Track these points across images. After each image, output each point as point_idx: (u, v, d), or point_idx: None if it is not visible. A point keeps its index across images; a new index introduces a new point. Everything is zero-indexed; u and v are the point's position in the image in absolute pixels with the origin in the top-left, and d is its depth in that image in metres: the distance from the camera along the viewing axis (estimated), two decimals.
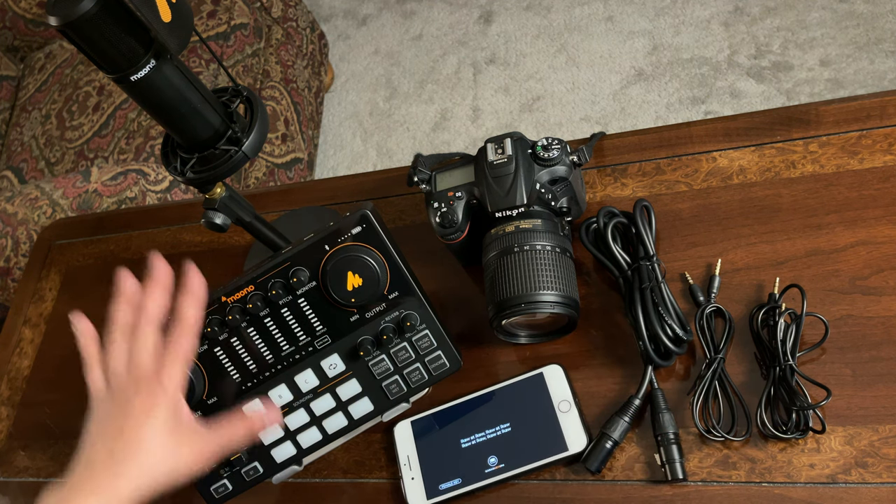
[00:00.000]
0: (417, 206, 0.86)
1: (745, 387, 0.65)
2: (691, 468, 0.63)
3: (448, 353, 0.69)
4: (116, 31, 0.53)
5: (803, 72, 1.73)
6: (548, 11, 2.08)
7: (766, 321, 0.66)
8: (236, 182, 1.68)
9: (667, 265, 0.72)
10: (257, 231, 0.73)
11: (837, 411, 0.62)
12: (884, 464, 0.59)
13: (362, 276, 0.65)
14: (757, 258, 0.70)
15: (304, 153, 1.88)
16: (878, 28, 1.71)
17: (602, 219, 0.72)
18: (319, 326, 0.67)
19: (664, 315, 0.66)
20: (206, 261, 0.94)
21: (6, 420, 0.94)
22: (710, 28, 1.86)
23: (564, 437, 0.67)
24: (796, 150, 0.73)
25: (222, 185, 0.68)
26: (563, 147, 0.70)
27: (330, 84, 2.22)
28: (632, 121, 1.82)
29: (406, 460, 0.71)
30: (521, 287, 0.66)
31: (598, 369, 0.70)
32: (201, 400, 0.68)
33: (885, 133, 0.71)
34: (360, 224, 0.64)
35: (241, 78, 1.72)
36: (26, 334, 1.00)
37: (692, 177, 0.75)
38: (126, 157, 1.63)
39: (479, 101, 2.02)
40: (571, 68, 1.96)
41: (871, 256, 0.66)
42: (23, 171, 1.76)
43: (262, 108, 0.65)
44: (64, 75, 1.85)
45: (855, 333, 0.64)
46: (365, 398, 0.70)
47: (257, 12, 1.84)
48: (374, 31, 2.27)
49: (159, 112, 0.60)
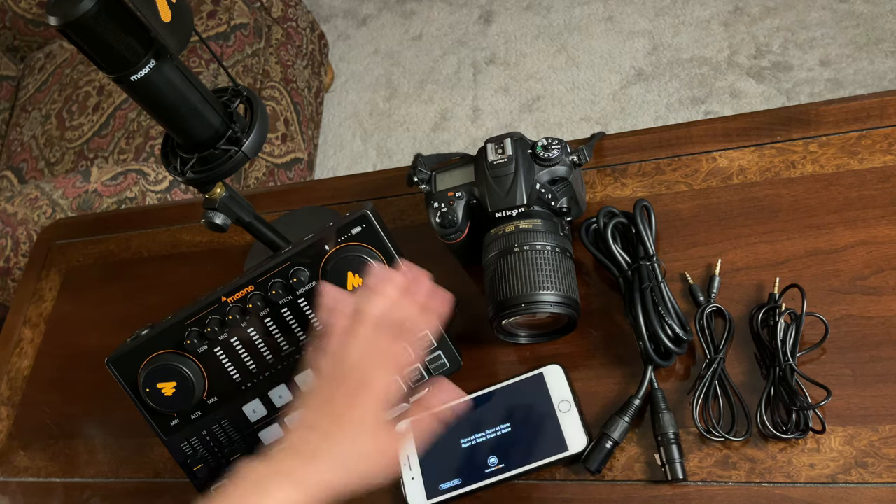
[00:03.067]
0: (417, 206, 0.86)
1: (745, 387, 0.65)
2: (691, 468, 0.63)
3: (448, 353, 0.69)
4: (116, 31, 0.53)
5: (803, 72, 1.73)
6: (548, 11, 2.08)
7: (766, 321, 0.66)
8: (236, 182, 1.68)
9: (667, 265, 0.72)
10: (257, 231, 0.73)
11: (837, 411, 0.62)
12: (884, 464, 0.59)
13: (362, 276, 0.65)
14: (757, 258, 0.70)
15: (304, 153, 1.88)
16: (878, 28, 1.71)
17: (602, 219, 0.72)
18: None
19: (664, 315, 0.66)
20: (206, 261, 0.95)
21: (6, 420, 0.94)
22: (710, 28, 1.86)
23: (564, 437, 0.67)
24: (796, 150, 0.73)
25: (222, 185, 0.68)
26: (563, 147, 0.70)
27: (330, 84, 2.22)
28: (632, 121, 1.82)
29: (406, 460, 0.71)
30: (521, 287, 0.66)
31: (598, 369, 0.70)
32: (201, 400, 0.68)
33: (885, 133, 0.71)
34: (360, 224, 0.64)
35: (241, 78, 1.72)
36: (26, 334, 1.00)
37: (692, 177, 0.75)
38: (126, 157, 1.63)
39: (479, 101, 2.02)
40: (571, 68, 1.96)
41: (871, 256, 0.66)
42: (23, 171, 1.76)
43: (262, 108, 0.65)
44: (64, 75, 1.85)
45: (855, 333, 0.64)
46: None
47: (257, 12, 1.84)
48: (374, 31, 2.27)
49: (159, 112, 0.60)
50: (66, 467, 0.87)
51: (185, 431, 0.70)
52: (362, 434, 0.52)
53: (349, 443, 0.51)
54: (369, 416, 0.52)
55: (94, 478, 0.85)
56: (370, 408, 0.52)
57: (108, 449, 0.86)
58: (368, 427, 0.52)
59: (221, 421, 0.70)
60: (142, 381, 0.66)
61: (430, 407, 0.56)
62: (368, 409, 0.52)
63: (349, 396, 0.52)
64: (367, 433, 0.52)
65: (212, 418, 0.69)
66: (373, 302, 0.55)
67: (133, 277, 0.98)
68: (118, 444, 0.86)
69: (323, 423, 0.52)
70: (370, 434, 0.52)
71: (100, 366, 0.69)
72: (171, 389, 0.67)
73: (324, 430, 0.52)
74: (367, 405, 0.52)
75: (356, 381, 0.53)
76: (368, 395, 0.52)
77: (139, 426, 0.76)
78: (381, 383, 0.53)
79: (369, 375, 0.53)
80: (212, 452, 0.70)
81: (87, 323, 0.97)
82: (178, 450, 0.70)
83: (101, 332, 0.95)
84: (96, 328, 0.96)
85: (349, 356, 0.53)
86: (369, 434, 0.52)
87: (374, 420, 0.52)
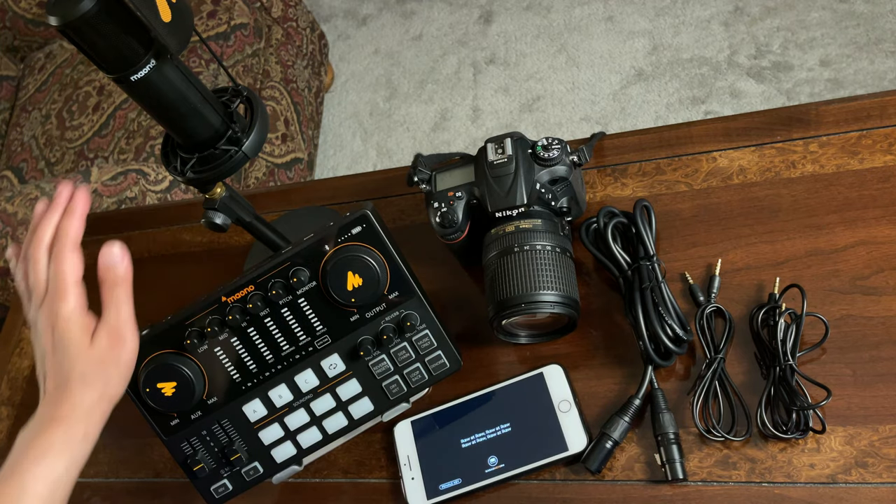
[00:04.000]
0: (417, 206, 0.86)
1: (745, 387, 0.65)
2: (691, 468, 0.63)
3: (448, 353, 0.69)
4: (116, 31, 0.53)
5: (803, 72, 1.73)
6: (548, 11, 2.08)
7: (766, 321, 0.66)
8: (236, 182, 1.68)
9: (667, 265, 0.72)
10: (257, 231, 0.73)
11: (837, 411, 0.62)
12: (884, 464, 0.59)
13: (362, 276, 0.64)
14: (757, 258, 0.70)
15: (304, 153, 1.88)
16: (878, 28, 1.71)
17: (602, 219, 0.72)
18: (319, 326, 0.67)
19: (664, 315, 0.66)
20: (206, 261, 0.95)
21: (6, 420, 0.94)
22: (710, 28, 1.86)
23: (564, 437, 0.67)
24: (796, 150, 0.73)
25: (222, 185, 0.68)
26: (563, 147, 0.70)
27: (330, 84, 2.22)
28: (632, 121, 1.82)
29: (406, 460, 0.71)
30: (521, 287, 0.66)
31: (598, 369, 0.70)
32: (201, 399, 0.68)
33: (885, 133, 0.71)
34: (360, 224, 0.64)
35: (241, 78, 1.72)
36: (26, 334, 1.00)
37: (692, 177, 0.75)
38: (126, 157, 1.63)
39: (479, 101, 2.02)
40: (571, 68, 1.96)
41: (871, 256, 0.66)
42: (23, 171, 1.76)
43: (262, 108, 0.65)
44: (64, 75, 1.85)
45: (855, 333, 0.64)
46: (365, 398, 0.70)
47: (257, 12, 1.84)
48: (374, 31, 2.27)
49: (159, 112, 0.60)
50: None
51: (185, 431, 0.70)
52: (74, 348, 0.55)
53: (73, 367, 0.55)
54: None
55: (94, 478, 0.85)
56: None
57: (108, 449, 0.86)
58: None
59: (221, 421, 0.70)
60: (142, 381, 0.66)
61: None
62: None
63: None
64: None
65: (212, 418, 0.69)
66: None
67: (133, 277, 0.98)
68: (118, 444, 0.86)
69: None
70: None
71: None
72: (171, 389, 0.67)
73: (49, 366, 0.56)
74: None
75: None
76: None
77: (139, 426, 0.76)
78: None
79: None
80: (212, 452, 0.70)
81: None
82: (178, 450, 0.70)
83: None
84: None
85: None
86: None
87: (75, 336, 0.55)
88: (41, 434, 0.54)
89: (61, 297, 0.55)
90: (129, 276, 0.58)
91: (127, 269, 0.58)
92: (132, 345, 0.57)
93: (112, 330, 0.56)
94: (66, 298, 0.55)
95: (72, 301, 0.55)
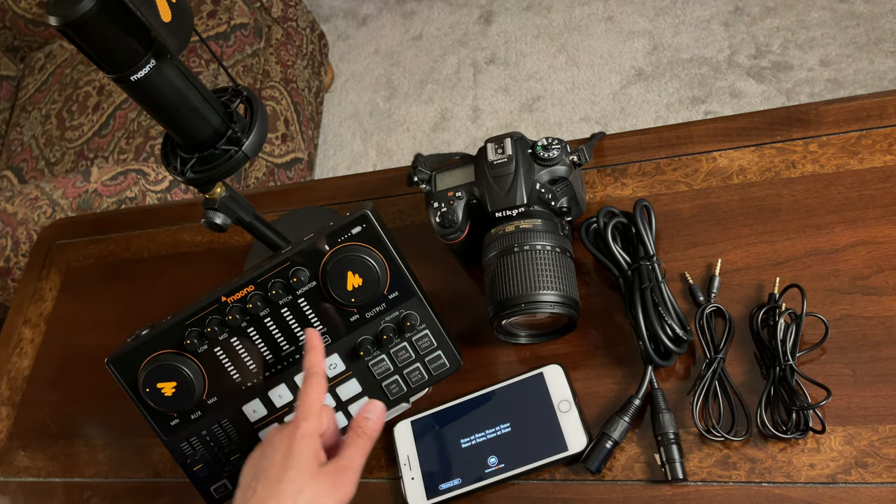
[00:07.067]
0: (417, 206, 0.86)
1: (745, 387, 0.65)
2: (691, 468, 0.63)
3: (448, 353, 0.69)
4: (116, 31, 0.53)
5: (803, 72, 1.73)
6: (548, 11, 2.08)
7: (766, 321, 0.66)
8: (236, 182, 1.68)
9: (667, 265, 0.72)
10: (257, 231, 0.73)
11: (837, 411, 0.62)
12: (884, 464, 0.59)
13: (362, 276, 0.65)
14: (757, 258, 0.70)
15: (304, 153, 1.88)
16: (878, 28, 1.71)
17: (602, 219, 0.72)
18: (319, 326, 0.67)
19: (664, 315, 0.66)
20: (206, 261, 0.95)
21: (6, 420, 0.94)
22: (710, 28, 1.86)
23: (564, 437, 0.67)
24: (796, 150, 0.73)
25: (222, 185, 0.68)
26: (563, 147, 0.70)
27: (330, 84, 2.22)
28: (632, 121, 1.82)
29: (406, 460, 0.71)
30: (521, 287, 0.66)
31: (598, 369, 0.70)
32: (201, 400, 0.68)
33: (885, 133, 0.71)
34: (360, 224, 0.64)
35: (241, 78, 1.72)
36: (26, 334, 1.00)
37: (692, 177, 0.75)
38: (126, 157, 1.63)
39: (479, 101, 2.02)
40: (571, 68, 1.96)
41: (871, 256, 0.66)
42: (23, 171, 1.76)
43: (262, 108, 0.66)
44: (64, 75, 1.85)
45: (855, 333, 0.64)
46: (365, 398, 0.70)
47: (257, 12, 1.84)
48: (374, 31, 2.27)
49: (159, 112, 0.60)
50: (66, 467, 0.87)
51: (185, 431, 0.70)
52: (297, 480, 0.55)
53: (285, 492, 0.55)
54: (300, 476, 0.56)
55: (93, 478, 0.85)
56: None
57: (108, 449, 0.86)
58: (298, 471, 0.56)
59: (221, 421, 0.70)
60: (142, 381, 0.66)
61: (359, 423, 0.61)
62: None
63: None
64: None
65: (212, 418, 0.69)
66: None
67: (133, 277, 0.98)
68: (118, 444, 0.86)
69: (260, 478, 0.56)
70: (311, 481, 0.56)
71: (100, 366, 0.69)
72: (171, 389, 0.67)
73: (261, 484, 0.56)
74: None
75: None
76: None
77: (139, 426, 0.76)
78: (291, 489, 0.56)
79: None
80: (212, 452, 0.71)
81: (87, 323, 0.97)
82: (178, 450, 0.70)
83: (101, 332, 0.95)
84: (96, 328, 0.96)
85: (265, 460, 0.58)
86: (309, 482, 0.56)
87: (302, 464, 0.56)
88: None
89: (305, 418, 0.58)
90: (377, 435, 0.61)
91: (378, 429, 0.61)
92: (351, 489, 0.58)
93: (342, 469, 0.58)
94: (309, 419, 0.58)
95: (313, 423, 0.58)
